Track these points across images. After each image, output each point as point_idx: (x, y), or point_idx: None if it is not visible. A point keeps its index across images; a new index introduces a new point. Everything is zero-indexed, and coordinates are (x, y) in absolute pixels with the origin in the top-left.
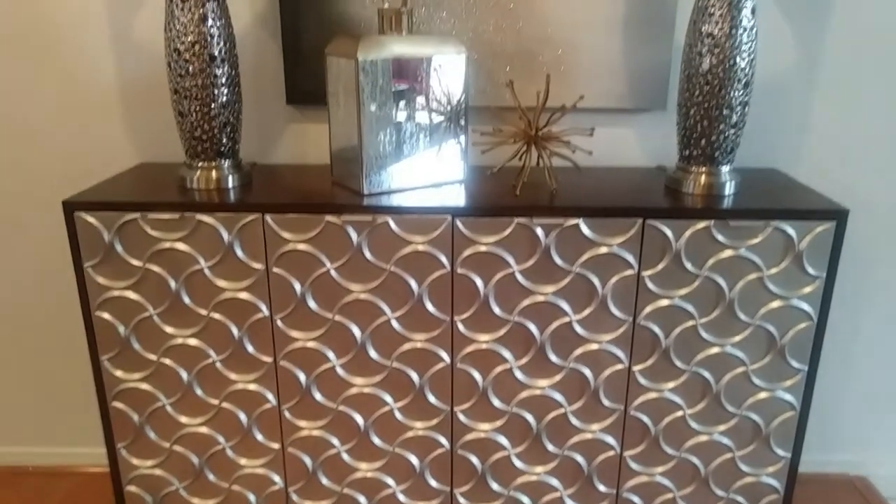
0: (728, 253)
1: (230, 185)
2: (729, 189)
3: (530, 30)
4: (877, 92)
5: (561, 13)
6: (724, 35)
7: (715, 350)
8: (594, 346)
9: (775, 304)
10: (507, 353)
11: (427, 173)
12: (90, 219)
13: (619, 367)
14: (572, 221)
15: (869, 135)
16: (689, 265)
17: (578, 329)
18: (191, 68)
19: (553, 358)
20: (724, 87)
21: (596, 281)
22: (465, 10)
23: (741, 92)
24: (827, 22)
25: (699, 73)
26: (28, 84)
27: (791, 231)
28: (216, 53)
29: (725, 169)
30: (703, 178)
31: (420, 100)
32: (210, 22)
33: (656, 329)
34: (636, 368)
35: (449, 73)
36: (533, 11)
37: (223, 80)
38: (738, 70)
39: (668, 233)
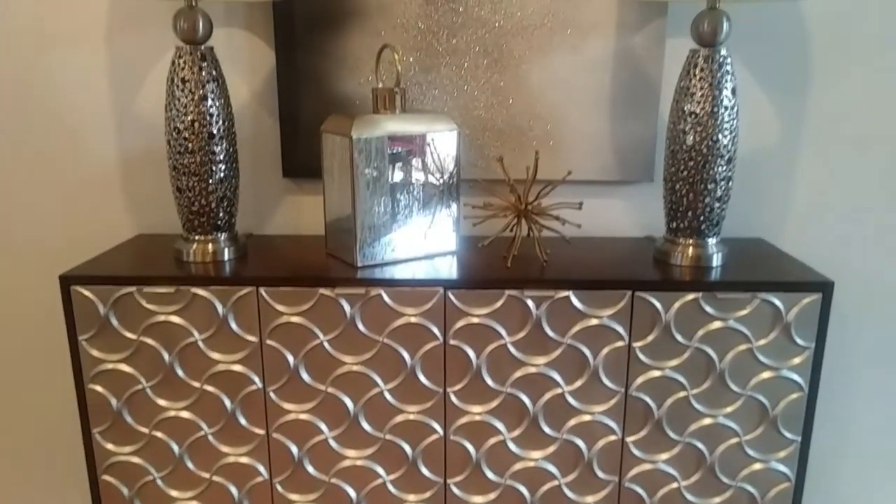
0: (717, 324)
1: (226, 257)
2: (716, 261)
3: (520, 107)
4: (858, 163)
5: (549, 91)
6: (706, 114)
7: (708, 421)
8: (587, 418)
9: (766, 374)
10: (500, 425)
11: (420, 245)
12: (86, 292)
13: (613, 438)
14: (563, 294)
15: (852, 205)
16: (679, 336)
17: (571, 400)
18: (190, 146)
19: (546, 429)
20: (708, 163)
21: (587, 352)
22: (457, 88)
23: (724, 167)
24: (806, 98)
25: (683, 150)
26: (29, 157)
27: (778, 303)
28: (215, 131)
29: (712, 241)
30: (690, 251)
31: (413, 175)
32: (209, 102)
33: (648, 400)
34: (629, 440)
35: (441, 148)
36: (522, 90)
37: (221, 156)
38: (721, 147)
39: (658, 305)
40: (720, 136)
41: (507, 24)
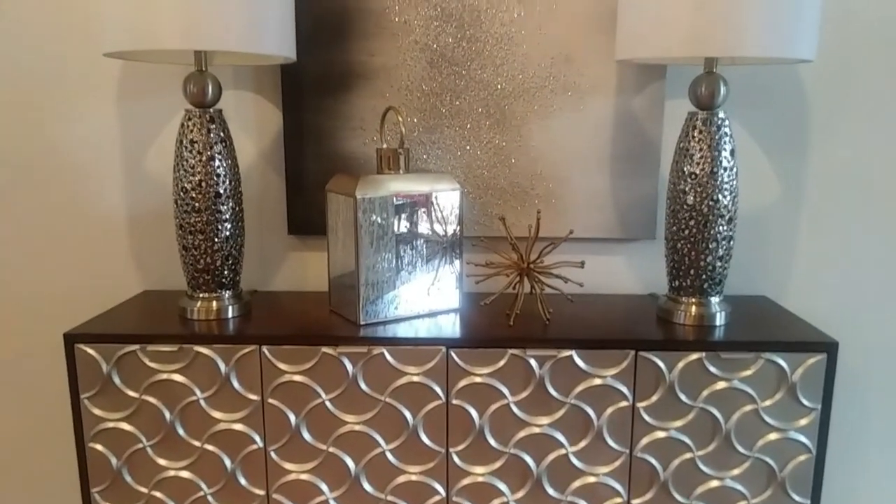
0: (722, 385)
1: (230, 314)
2: (720, 319)
3: (522, 166)
4: (860, 222)
5: (550, 151)
6: (705, 174)
7: (715, 483)
8: (591, 479)
9: (773, 436)
10: (503, 486)
11: (423, 302)
12: (90, 350)
13: (618, 500)
14: (566, 353)
15: (854, 262)
16: (683, 396)
17: (575, 461)
18: (196, 205)
19: (550, 491)
20: (709, 223)
21: (591, 412)
22: (460, 148)
23: (726, 227)
24: (806, 157)
25: (684, 209)
26: (41, 212)
27: (783, 363)
28: (221, 191)
29: (715, 300)
30: (693, 309)
31: (416, 233)
32: (217, 162)
33: (654, 461)
34: (635, 502)
35: (444, 206)
36: (523, 150)
37: (227, 215)
38: (721, 207)
39: (661, 364)
40: (720, 196)
41: (508, 87)
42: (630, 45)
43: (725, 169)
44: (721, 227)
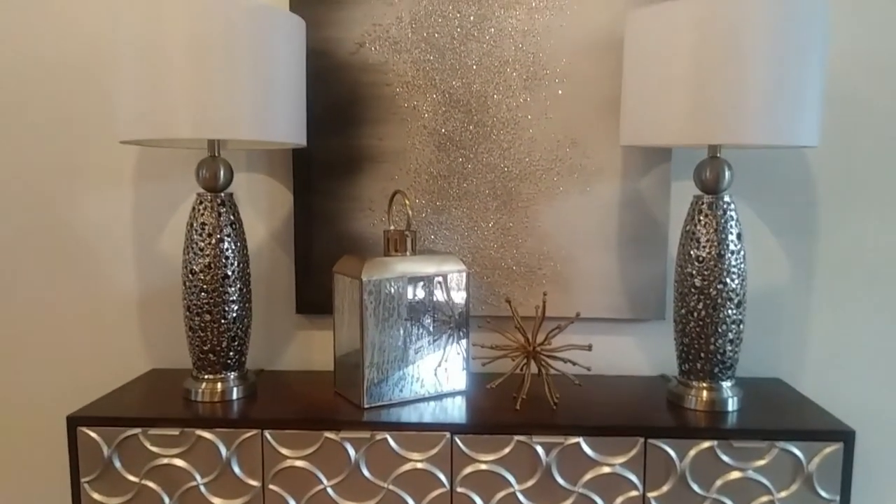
0: (735, 474)
1: (234, 396)
2: (732, 405)
3: (529, 247)
4: (872, 302)
5: (557, 232)
6: (712, 258)
7: None
8: None
9: None
10: None
11: (428, 384)
12: (92, 434)
13: None
14: (573, 440)
15: (867, 342)
16: (695, 486)
17: None
18: (204, 286)
19: None
20: (718, 307)
21: (600, 502)
22: (467, 228)
23: (735, 311)
24: (815, 239)
25: (692, 292)
26: (54, 289)
27: (798, 452)
28: (229, 273)
29: (727, 385)
30: (704, 394)
31: (422, 314)
32: (226, 245)
33: None
34: None
35: (451, 288)
36: (530, 230)
37: (234, 296)
38: (730, 291)
39: (672, 453)
40: (728, 279)
41: (515, 169)
42: (634, 131)
43: (733, 252)
44: (730, 311)
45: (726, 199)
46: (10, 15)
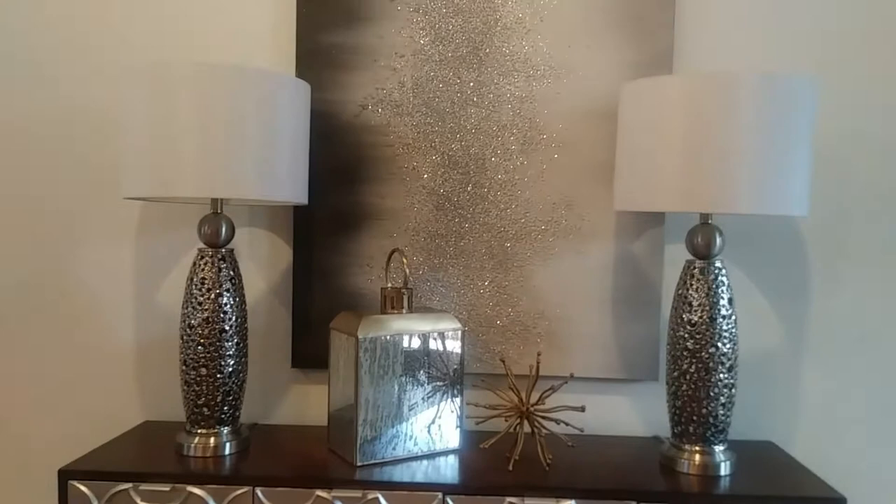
0: None
1: (227, 451)
2: (724, 469)
3: (523, 305)
4: (863, 365)
5: (552, 291)
6: (704, 323)
7: None
8: None
9: None
10: None
11: (421, 442)
12: (82, 488)
13: None
14: (566, 503)
15: (859, 407)
16: None
17: None
18: (202, 341)
19: None
20: (710, 371)
21: None
22: (464, 286)
23: (727, 375)
24: (806, 301)
25: (684, 356)
26: (52, 340)
27: None
28: (227, 328)
29: (719, 448)
30: (697, 458)
31: (417, 372)
32: (225, 300)
33: None
34: None
35: (446, 346)
36: (525, 289)
37: (231, 351)
38: (721, 355)
39: None
40: (720, 343)
41: (511, 230)
42: (628, 197)
43: (724, 317)
44: (722, 375)
45: (717, 264)
46: (20, 70)
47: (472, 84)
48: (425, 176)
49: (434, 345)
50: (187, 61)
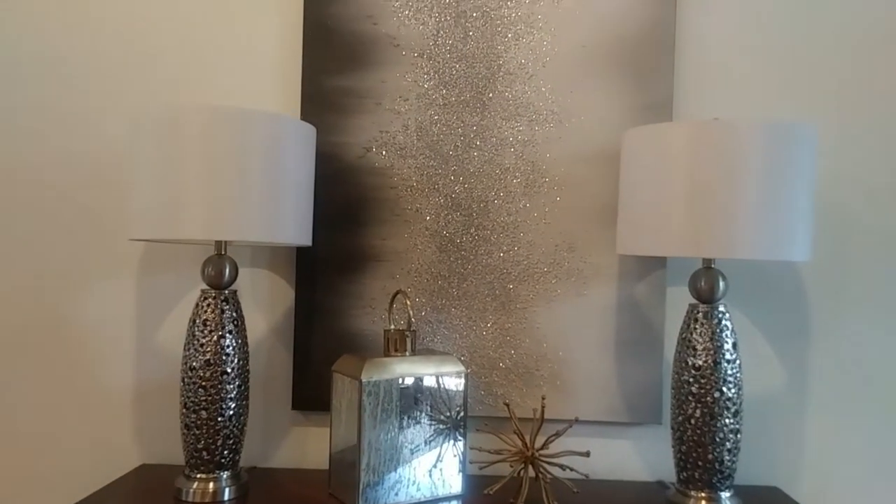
0: None
1: (226, 496)
2: None
3: (527, 347)
4: (868, 409)
5: (555, 334)
6: (708, 367)
7: None
8: None
9: None
10: None
11: (424, 487)
12: None
13: None
14: None
15: (864, 450)
16: None
17: None
18: (203, 383)
19: None
20: (715, 416)
21: None
22: (466, 328)
23: (732, 420)
24: (809, 345)
25: (689, 401)
26: (49, 378)
27: None
28: (229, 370)
29: (726, 495)
30: None
31: (420, 415)
32: (227, 342)
33: None
34: None
35: (449, 388)
36: (528, 331)
37: (233, 394)
38: (726, 399)
39: None
40: (725, 388)
41: (514, 271)
42: (630, 241)
43: (729, 362)
44: (727, 420)
45: (721, 308)
46: (23, 111)
47: (475, 128)
48: (428, 218)
49: (437, 388)
50: (194, 104)
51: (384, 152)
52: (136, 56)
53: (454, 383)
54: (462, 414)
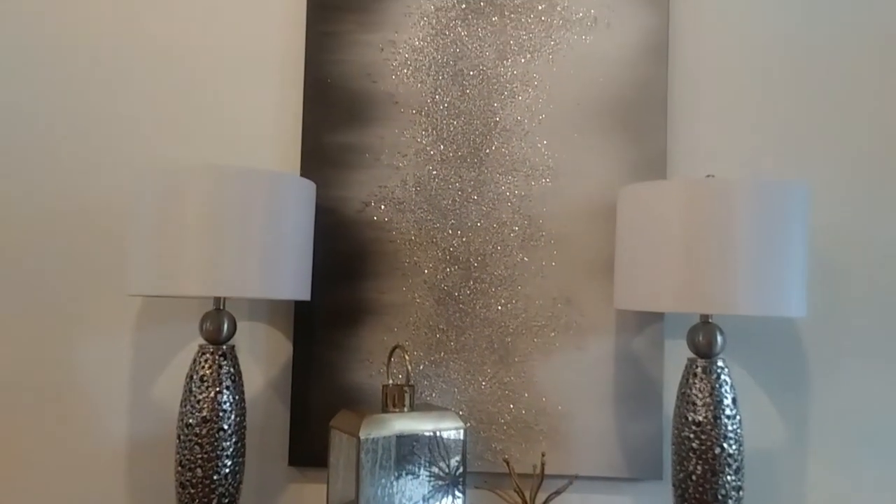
0: None
1: None
2: None
3: (525, 402)
4: (867, 461)
5: (553, 387)
6: (709, 423)
7: None
8: None
9: None
10: None
11: None
12: None
13: None
14: None
15: (866, 501)
16: None
17: None
18: (199, 441)
19: None
20: (717, 473)
21: None
22: (465, 381)
23: (734, 477)
24: (808, 398)
25: (690, 457)
26: (42, 430)
27: None
28: (226, 427)
29: None
30: None
31: (419, 471)
32: (224, 398)
33: None
34: None
35: (448, 444)
36: (527, 385)
37: (229, 451)
38: (728, 456)
39: None
40: (725, 444)
41: (512, 325)
42: (627, 297)
43: (729, 417)
44: (729, 476)
45: (720, 363)
46: (19, 163)
47: (472, 182)
48: (426, 271)
49: (436, 443)
50: (195, 162)
51: (383, 206)
52: (140, 112)
53: (453, 439)
54: (461, 470)
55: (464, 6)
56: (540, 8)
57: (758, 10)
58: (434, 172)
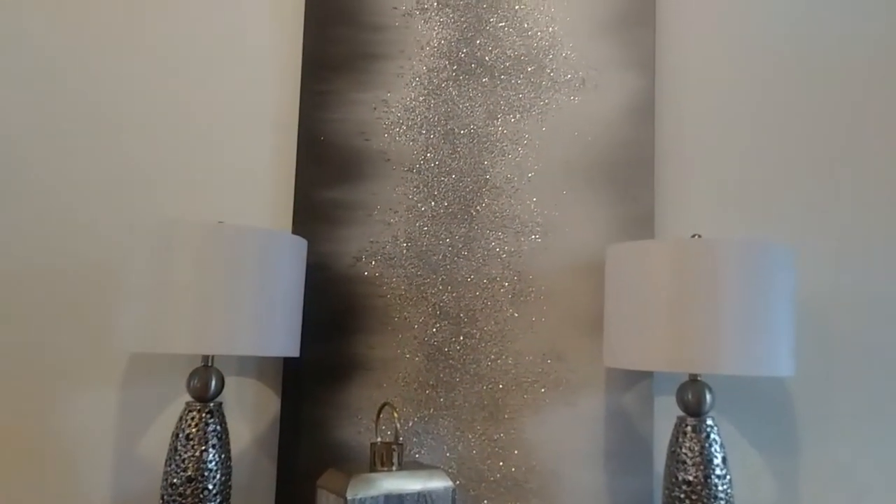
0: None
1: None
2: None
3: (515, 459)
4: None
5: (543, 444)
6: (699, 483)
7: None
8: None
9: None
10: None
11: None
12: None
13: None
14: None
15: None
16: None
17: None
18: (184, 501)
19: None
20: None
21: None
22: (454, 438)
23: None
24: (798, 456)
25: None
26: (21, 498)
27: None
28: (211, 487)
29: None
30: None
31: None
32: (210, 457)
33: None
34: None
35: (437, 503)
36: (517, 442)
37: None
38: None
39: None
40: None
41: (502, 380)
42: (617, 355)
43: (719, 477)
44: None
45: (709, 422)
46: (17, 214)
47: (462, 238)
48: (416, 326)
49: (424, 503)
50: (187, 218)
51: (374, 262)
52: (132, 168)
53: (442, 499)
54: None
55: (455, 67)
56: (529, 69)
57: (743, 71)
58: (425, 228)
